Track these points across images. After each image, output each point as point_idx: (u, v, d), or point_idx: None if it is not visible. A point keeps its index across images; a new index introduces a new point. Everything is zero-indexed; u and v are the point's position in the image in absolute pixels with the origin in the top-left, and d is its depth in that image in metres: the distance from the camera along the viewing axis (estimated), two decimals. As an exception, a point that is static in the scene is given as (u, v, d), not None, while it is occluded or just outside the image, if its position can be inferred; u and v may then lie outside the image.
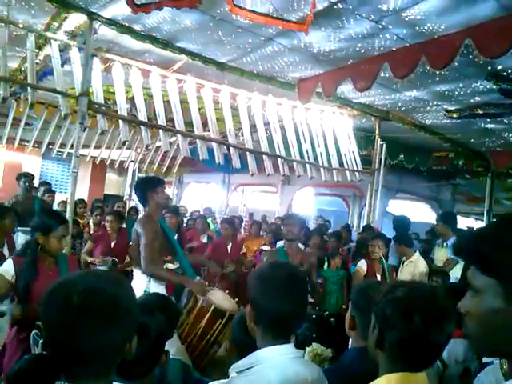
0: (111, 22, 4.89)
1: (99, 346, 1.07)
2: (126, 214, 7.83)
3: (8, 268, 3.00)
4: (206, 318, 3.33)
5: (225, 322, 3.33)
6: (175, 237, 6.21)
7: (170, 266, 4.46)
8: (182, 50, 5.44)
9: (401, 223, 6.55)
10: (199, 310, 3.41)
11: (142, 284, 3.68)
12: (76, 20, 4.99)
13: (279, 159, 6.78)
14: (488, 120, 6.61)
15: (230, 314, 3.33)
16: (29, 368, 1.84)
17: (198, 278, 3.94)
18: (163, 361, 1.91)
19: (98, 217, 7.34)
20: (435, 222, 5.89)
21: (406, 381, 1.35)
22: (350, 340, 1.94)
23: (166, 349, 1.96)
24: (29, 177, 6.88)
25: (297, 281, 1.67)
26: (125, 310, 1.13)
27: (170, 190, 15.34)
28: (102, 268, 5.15)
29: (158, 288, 3.68)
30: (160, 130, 5.86)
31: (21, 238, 5.54)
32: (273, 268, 1.76)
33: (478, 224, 12.24)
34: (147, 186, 3.96)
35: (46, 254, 3.10)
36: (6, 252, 4.58)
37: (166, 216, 6.23)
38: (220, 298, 3.65)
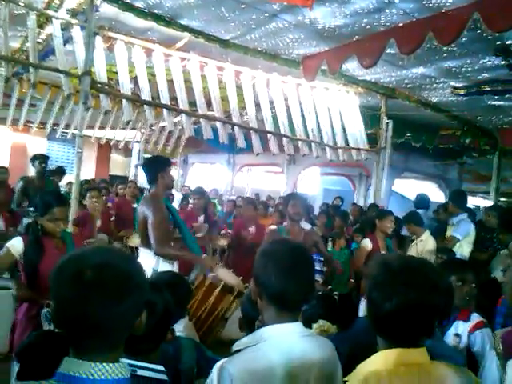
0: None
1: (110, 321, 1.08)
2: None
3: (16, 244, 3.02)
4: (215, 293, 3.37)
5: (233, 297, 3.38)
6: (202, 218, 6.26)
7: None
8: (185, 28, 5.37)
9: (422, 200, 6.55)
10: (208, 286, 3.45)
11: (150, 263, 3.66)
12: (77, -3, 4.92)
13: (284, 138, 6.73)
14: (496, 97, 6.51)
15: (239, 290, 3.38)
16: (37, 343, 1.87)
17: (204, 255, 3.97)
18: (169, 338, 1.93)
19: (104, 197, 7.36)
20: (446, 201, 5.89)
21: (404, 356, 1.34)
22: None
23: (172, 327, 1.98)
24: (43, 158, 6.90)
25: (299, 257, 1.66)
26: (136, 285, 1.14)
27: (174, 171, 15.34)
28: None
29: (168, 266, 3.68)
30: (164, 110, 5.82)
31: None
32: (274, 244, 1.76)
33: (485, 203, 12.18)
34: (158, 167, 3.93)
35: (46, 234, 3.11)
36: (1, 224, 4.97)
37: (193, 198, 6.22)
38: (226, 274, 3.68)
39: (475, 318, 2.73)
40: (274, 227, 6.48)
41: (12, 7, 4.90)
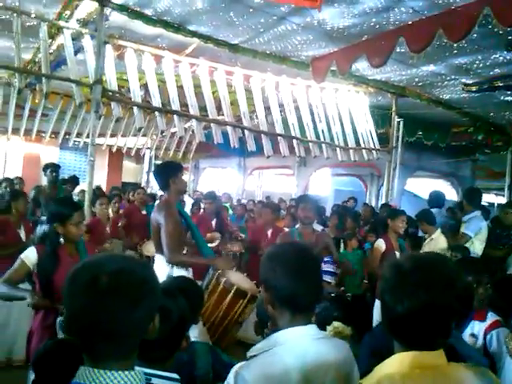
0: (122, 8, 4.86)
1: (125, 327, 1.09)
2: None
3: (30, 255, 3.03)
4: (228, 298, 3.36)
5: (246, 302, 3.36)
6: (214, 222, 6.26)
7: None
8: (194, 34, 5.40)
9: (436, 198, 6.49)
10: (221, 291, 3.44)
11: (164, 269, 3.66)
12: (87, 7, 4.97)
13: (294, 140, 6.72)
14: (508, 92, 6.45)
15: (252, 294, 3.36)
16: (52, 351, 1.87)
17: (219, 257, 3.98)
18: (184, 346, 1.92)
19: (117, 204, 7.41)
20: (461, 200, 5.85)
21: (419, 359, 1.31)
22: None
23: (187, 334, 1.97)
24: (54, 167, 6.96)
25: (306, 258, 1.66)
26: (149, 290, 1.15)
27: (186, 176, 15.39)
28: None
29: (182, 272, 3.67)
30: (174, 116, 5.85)
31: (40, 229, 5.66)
32: (281, 248, 1.78)
33: (498, 200, 12.05)
34: (170, 172, 3.92)
35: (66, 242, 3.13)
36: (22, 234, 5.08)
37: (204, 202, 6.21)
38: (240, 279, 3.67)
39: (491, 317, 2.69)
40: (285, 230, 6.48)
41: (24, 19, 4.97)
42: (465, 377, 1.35)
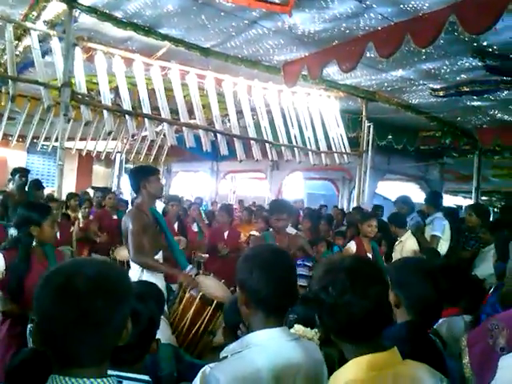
0: (91, 10, 4.79)
1: (100, 332, 1.06)
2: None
3: None
4: (193, 306, 3.32)
5: (213, 310, 3.29)
6: (176, 225, 6.20)
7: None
8: (165, 37, 5.36)
9: (400, 202, 6.54)
10: (187, 299, 3.39)
11: (135, 274, 3.63)
12: (55, 8, 4.87)
13: (267, 144, 6.75)
14: (474, 97, 6.63)
15: (218, 302, 3.30)
16: (29, 360, 1.82)
17: (190, 266, 3.90)
18: (153, 349, 1.91)
19: (87, 210, 7.28)
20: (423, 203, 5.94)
21: (375, 361, 1.34)
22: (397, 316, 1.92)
23: (157, 337, 1.96)
24: (23, 172, 6.78)
25: (282, 261, 1.68)
26: (125, 294, 1.13)
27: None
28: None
29: (153, 277, 3.64)
30: (145, 119, 5.80)
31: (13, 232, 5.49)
32: (257, 250, 1.80)
33: (466, 202, 12.35)
34: (140, 175, 3.86)
35: (38, 246, 3.07)
36: None
37: (170, 204, 6.15)
38: (211, 286, 3.63)
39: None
40: (254, 233, 6.50)
41: (-12, 20, 4.85)
42: (421, 373, 1.40)
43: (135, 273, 3.65)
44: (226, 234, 6.19)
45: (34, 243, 3.06)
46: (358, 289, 1.35)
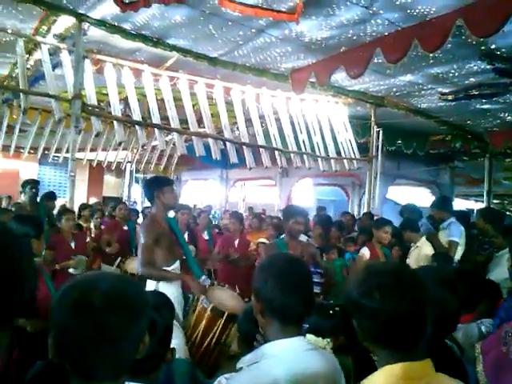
0: (100, 23, 4.85)
1: (117, 348, 1.05)
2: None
3: None
4: (204, 319, 3.30)
5: (224, 322, 3.25)
6: (185, 234, 6.22)
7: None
8: (173, 47, 5.41)
9: (407, 211, 6.48)
10: (200, 311, 3.38)
11: (152, 285, 3.63)
12: (65, 22, 4.95)
13: (276, 151, 6.76)
14: (483, 100, 6.60)
15: (230, 314, 3.28)
16: (45, 374, 1.82)
17: (203, 277, 3.86)
18: (168, 358, 1.90)
19: (99, 220, 7.32)
20: (430, 210, 5.84)
21: (408, 370, 1.31)
22: None
23: (172, 346, 1.96)
24: (34, 183, 6.85)
25: (298, 270, 1.66)
26: (141, 309, 1.12)
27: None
28: (75, 270, 4.97)
29: (170, 288, 3.58)
30: (155, 129, 5.84)
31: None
32: (272, 258, 1.78)
33: (478, 206, 12.25)
34: (154, 186, 3.89)
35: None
36: None
37: (180, 213, 6.17)
38: (223, 297, 3.59)
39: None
40: (263, 240, 6.48)
41: (0, 35, 4.92)
42: None
43: (151, 284, 3.65)
44: (236, 242, 6.20)
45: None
46: (403, 294, 1.34)
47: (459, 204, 12.35)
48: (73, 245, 5.24)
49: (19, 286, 0.74)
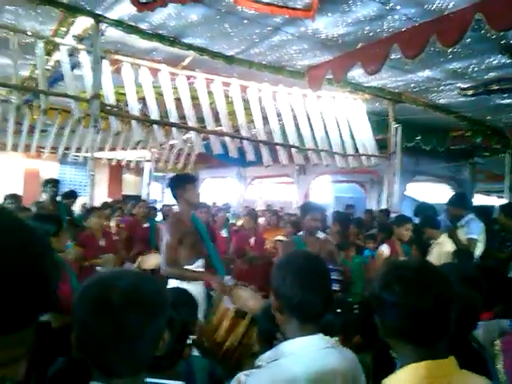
0: (117, 23, 4.90)
1: (136, 345, 1.08)
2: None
3: None
4: (227, 319, 3.30)
5: (248, 323, 3.22)
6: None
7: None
8: (190, 46, 5.44)
9: (422, 210, 6.41)
10: (223, 311, 3.37)
11: (175, 283, 3.63)
12: (83, 23, 5.02)
13: (293, 149, 6.75)
14: (504, 95, 6.48)
15: (253, 315, 3.27)
16: (67, 369, 1.85)
17: (228, 277, 3.85)
18: (186, 354, 1.92)
19: (119, 218, 7.42)
20: (447, 207, 5.74)
21: (433, 369, 1.30)
22: None
23: (189, 342, 1.98)
24: (54, 182, 6.98)
25: (316, 268, 1.66)
26: (160, 306, 1.14)
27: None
28: (103, 267, 5.06)
29: (193, 285, 3.56)
30: (173, 128, 5.88)
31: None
32: (291, 256, 1.78)
33: (500, 202, 12.05)
34: (176, 184, 3.91)
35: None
36: None
37: (198, 211, 6.20)
38: (245, 297, 3.58)
39: None
40: (281, 238, 6.47)
41: (20, 37, 5.01)
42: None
43: (174, 283, 3.65)
44: (251, 240, 6.21)
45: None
46: (424, 288, 1.33)
47: (480, 200, 12.14)
48: (102, 243, 5.37)
49: (43, 282, 0.76)
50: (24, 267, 0.73)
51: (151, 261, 5.72)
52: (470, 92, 6.40)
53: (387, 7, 4.20)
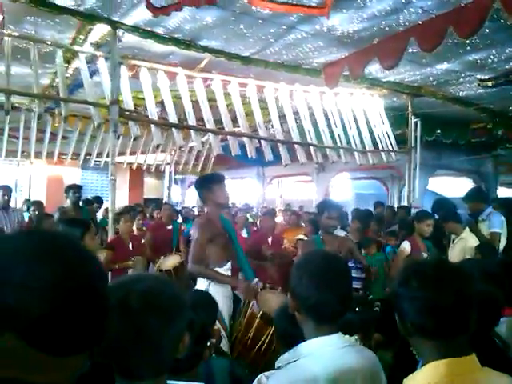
0: (134, 29, 4.97)
1: (156, 348, 1.09)
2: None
3: None
4: (254, 324, 3.28)
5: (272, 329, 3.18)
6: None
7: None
8: (205, 49, 5.48)
9: (440, 205, 6.30)
10: (250, 316, 3.34)
11: (202, 286, 3.61)
12: (100, 30, 5.10)
13: (311, 147, 6.73)
14: (526, 85, 6.36)
15: None
16: (90, 373, 1.88)
17: (256, 279, 3.78)
18: (206, 356, 1.93)
19: (141, 222, 7.49)
20: (465, 202, 5.63)
21: (454, 367, 1.28)
22: None
23: (209, 344, 1.99)
24: (76, 188, 7.10)
25: (335, 268, 1.64)
26: (178, 311, 1.15)
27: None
28: (134, 270, 5.12)
29: (220, 287, 3.60)
30: (191, 131, 5.92)
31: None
32: (308, 256, 1.77)
33: (524, 194, 11.81)
34: (202, 185, 3.86)
35: None
36: None
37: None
38: (272, 300, 3.56)
39: None
40: (302, 237, 6.45)
41: (40, 46, 5.11)
42: (502, 382, 1.33)
43: (202, 285, 3.64)
44: (269, 239, 6.20)
45: None
46: (443, 284, 1.32)
47: (505, 193, 11.92)
48: (130, 246, 5.47)
49: (105, 314, 0.84)
50: (93, 299, 0.80)
51: (169, 261, 5.80)
52: (490, 83, 6.29)
53: (403, 0, 4.17)
